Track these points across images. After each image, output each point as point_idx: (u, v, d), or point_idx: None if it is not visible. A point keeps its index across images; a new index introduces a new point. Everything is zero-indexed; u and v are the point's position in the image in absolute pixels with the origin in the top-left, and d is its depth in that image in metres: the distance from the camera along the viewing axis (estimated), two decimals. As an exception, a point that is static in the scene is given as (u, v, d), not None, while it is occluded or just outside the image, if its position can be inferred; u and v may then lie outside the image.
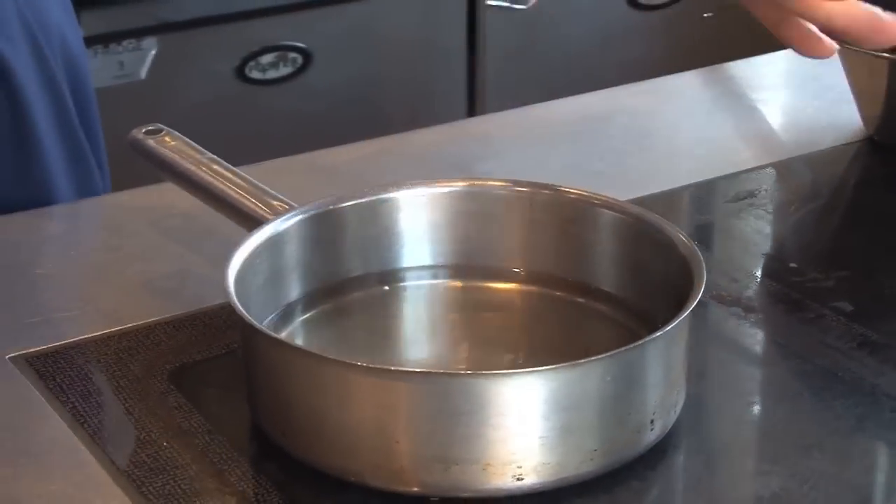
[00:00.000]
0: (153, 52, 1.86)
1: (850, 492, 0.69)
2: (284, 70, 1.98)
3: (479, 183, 0.82)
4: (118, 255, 0.90)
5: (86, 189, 1.01)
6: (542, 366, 0.67)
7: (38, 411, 0.74)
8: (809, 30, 0.84)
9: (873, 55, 0.99)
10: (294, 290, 0.79)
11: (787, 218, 0.96)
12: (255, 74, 1.97)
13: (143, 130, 0.87)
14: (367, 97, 2.06)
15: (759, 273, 0.88)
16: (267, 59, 1.96)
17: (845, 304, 0.83)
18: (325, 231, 0.80)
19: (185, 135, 0.88)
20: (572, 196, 0.80)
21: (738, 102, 1.14)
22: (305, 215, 0.79)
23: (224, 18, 1.92)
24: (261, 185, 0.82)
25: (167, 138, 0.86)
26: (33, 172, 0.97)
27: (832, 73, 1.11)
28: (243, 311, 0.70)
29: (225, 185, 0.83)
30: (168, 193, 0.90)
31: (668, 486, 0.71)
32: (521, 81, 2.17)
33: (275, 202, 0.81)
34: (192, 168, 0.84)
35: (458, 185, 0.81)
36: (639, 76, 1.22)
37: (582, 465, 0.68)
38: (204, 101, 1.93)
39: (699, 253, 0.73)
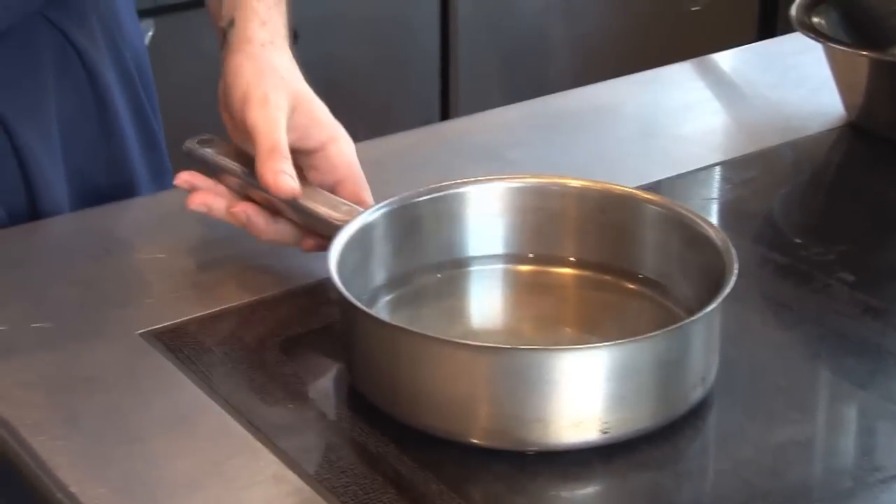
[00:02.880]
0: (150, 33, 1.96)
1: (870, 437, 0.83)
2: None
3: (536, 181, 0.93)
4: (204, 242, 1.01)
5: (159, 172, 1.12)
6: (601, 341, 0.80)
7: (175, 379, 0.86)
8: None
9: (856, 54, 1.13)
10: (378, 276, 0.91)
11: (789, 198, 1.10)
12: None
13: (196, 140, 0.99)
14: (347, 74, 2.19)
15: (768, 249, 1.02)
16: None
17: (847, 275, 0.96)
18: (402, 224, 0.91)
19: (182, 111, 0.97)
20: (619, 193, 0.92)
21: (731, 91, 1.27)
22: (386, 210, 0.90)
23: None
24: (324, 191, 0.94)
25: (216, 148, 0.98)
26: (117, 159, 1.09)
27: (811, 63, 1.25)
28: (351, 297, 0.82)
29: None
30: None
31: (717, 433, 0.84)
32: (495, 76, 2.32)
33: (344, 207, 0.92)
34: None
35: (518, 182, 0.92)
36: (614, 58, 1.34)
37: (649, 418, 0.81)
38: (200, 79, 2.04)
39: (731, 245, 0.86)
